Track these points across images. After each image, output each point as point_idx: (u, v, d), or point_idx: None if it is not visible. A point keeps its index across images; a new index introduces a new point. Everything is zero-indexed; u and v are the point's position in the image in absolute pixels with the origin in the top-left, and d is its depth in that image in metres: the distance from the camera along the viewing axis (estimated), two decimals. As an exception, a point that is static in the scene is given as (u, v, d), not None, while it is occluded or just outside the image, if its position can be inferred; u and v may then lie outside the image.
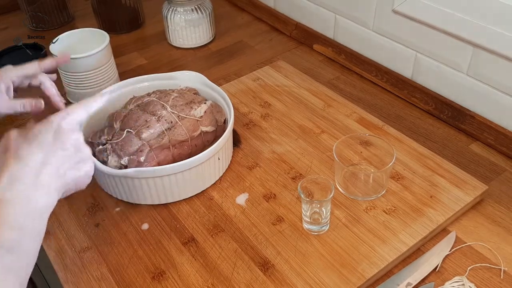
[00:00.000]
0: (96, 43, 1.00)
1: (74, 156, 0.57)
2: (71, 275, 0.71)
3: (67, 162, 0.56)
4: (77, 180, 0.58)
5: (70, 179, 0.56)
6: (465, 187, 0.80)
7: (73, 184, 0.58)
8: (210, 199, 0.81)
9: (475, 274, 0.70)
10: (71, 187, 0.58)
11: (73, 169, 0.57)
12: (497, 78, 0.87)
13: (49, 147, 0.54)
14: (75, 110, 0.60)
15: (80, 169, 0.58)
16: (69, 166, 0.56)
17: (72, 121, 0.58)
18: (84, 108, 0.61)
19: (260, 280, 0.69)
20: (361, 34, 1.10)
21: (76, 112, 0.60)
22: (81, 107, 0.61)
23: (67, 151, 0.56)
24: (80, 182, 0.59)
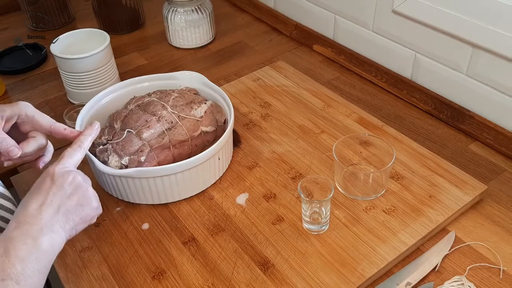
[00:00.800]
0: (97, 43, 1.00)
1: (74, 195, 0.60)
2: (72, 275, 0.71)
3: (67, 201, 0.59)
4: (83, 216, 0.61)
5: (75, 216, 0.60)
6: (464, 187, 0.80)
7: (79, 220, 0.60)
8: (210, 199, 0.82)
9: (474, 274, 0.70)
10: (78, 224, 0.60)
11: (75, 207, 0.60)
12: (496, 78, 0.87)
13: (47, 191, 0.58)
14: (66, 154, 0.63)
15: (84, 206, 0.61)
16: (70, 205, 0.59)
17: (64, 165, 0.62)
18: (76, 149, 0.65)
19: (260, 279, 0.69)
20: (361, 34, 1.10)
21: (68, 156, 0.63)
22: (73, 149, 0.65)
23: (65, 191, 0.59)
24: (87, 217, 0.62)
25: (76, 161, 0.64)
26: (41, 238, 0.55)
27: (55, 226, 0.57)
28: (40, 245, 0.55)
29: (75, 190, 0.60)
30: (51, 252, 0.56)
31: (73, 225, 0.59)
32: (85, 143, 0.66)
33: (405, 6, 0.95)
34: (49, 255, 0.56)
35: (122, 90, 0.92)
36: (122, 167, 0.77)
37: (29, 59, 1.20)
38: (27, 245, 0.54)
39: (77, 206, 0.60)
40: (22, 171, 0.90)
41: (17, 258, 0.52)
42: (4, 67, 1.19)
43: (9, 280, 0.51)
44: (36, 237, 0.55)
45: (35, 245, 0.54)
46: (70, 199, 0.59)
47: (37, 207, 0.57)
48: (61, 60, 0.98)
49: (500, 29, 0.81)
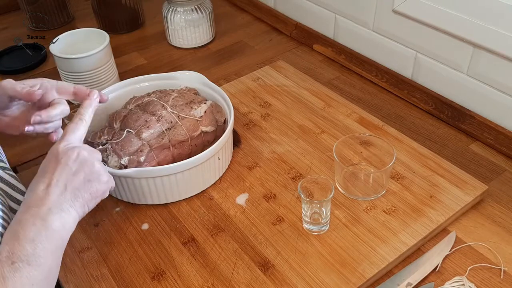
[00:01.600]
0: (96, 43, 1.00)
1: (81, 172, 0.59)
2: (71, 275, 0.71)
3: (74, 179, 0.58)
4: (93, 192, 0.60)
5: (84, 193, 0.59)
6: (465, 187, 0.80)
7: (89, 196, 0.59)
8: (210, 199, 0.81)
9: (475, 274, 0.70)
10: (88, 200, 0.60)
11: (83, 183, 0.59)
12: (497, 78, 0.87)
13: (52, 171, 0.57)
14: (69, 130, 0.62)
15: (92, 181, 0.59)
16: (78, 182, 0.58)
17: (67, 142, 0.60)
18: (78, 123, 0.64)
19: (260, 280, 0.69)
20: (361, 34, 1.10)
21: (70, 131, 0.62)
22: (75, 123, 0.63)
23: (70, 169, 0.58)
24: (98, 192, 0.61)
25: (80, 135, 0.63)
26: (50, 218, 0.55)
27: (64, 205, 0.56)
28: (50, 225, 0.54)
29: (81, 166, 0.59)
30: (62, 232, 0.56)
31: (83, 202, 0.59)
32: (86, 116, 0.65)
33: (406, 6, 0.95)
34: (61, 235, 0.56)
35: (122, 90, 0.92)
36: (121, 167, 0.77)
37: (28, 59, 1.20)
38: (36, 226, 0.53)
39: (85, 182, 0.59)
40: (22, 171, 0.89)
41: (27, 239, 0.52)
42: (4, 67, 1.19)
43: (20, 262, 0.51)
44: (45, 218, 0.54)
45: (44, 225, 0.54)
46: (76, 176, 0.58)
47: (44, 189, 0.56)
48: (60, 60, 0.98)
49: (501, 29, 0.81)
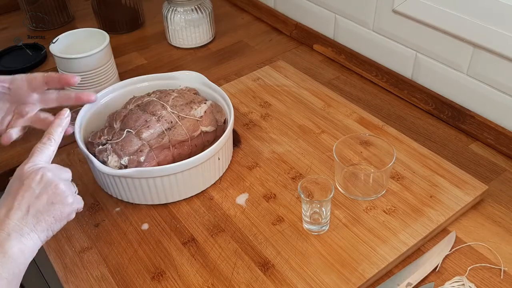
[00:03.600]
0: (96, 43, 1.00)
1: (44, 194, 0.57)
2: (71, 275, 0.71)
3: (36, 202, 0.56)
4: (56, 215, 0.57)
5: (47, 216, 0.57)
6: (465, 187, 0.80)
7: (53, 220, 0.57)
8: (210, 199, 0.81)
9: (475, 274, 0.70)
10: (52, 224, 0.57)
11: (46, 206, 0.57)
12: (497, 78, 0.87)
13: (14, 194, 0.56)
14: (36, 150, 0.61)
15: (55, 204, 0.57)
16: (40, 205, 0.56)
17: (33, 164, 0.59)
18: (46, 143, 0.62)
19: (260, 280, 0.69)
20: (361, 34, 1.10)
21: (38, 152, 0.60)
22: (43, 143, 0.62)
23: (33, 191, 0.56)
24: (62, 215, 0.58)
25: (48, 156, 0.61)
26: (8, 244, 0.52)
27: (25, 230, 0.54)
28: (7, 251, 0.52)
29: (44, 188, 0.57)
30: (21, 258, 0.54)
31: (47, 226, 0.57)
32: (55, 135, 0.63)
33: (406, 6, 0.95)
34: (19, 261, 0.53)
35: (122, 90, 0.92)
36: (121, 167, 0.77)
37: (28, 59, 1.20)
38: None
39: (48, 205, 0.56)
40: (21, 171, 0.89)
41: None
42: (4, 67, 1.19)
43: None
44: (2, 244, 0.52)
45: (1, 252, 0.52)
46: (39, 199, 0.56)
47: (5, 213, 0.54)
48: (60, 60, 0.98)
49: (501, 29, 0.81)
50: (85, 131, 0.83)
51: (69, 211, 0.59)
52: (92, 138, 0.82)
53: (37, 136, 0.97)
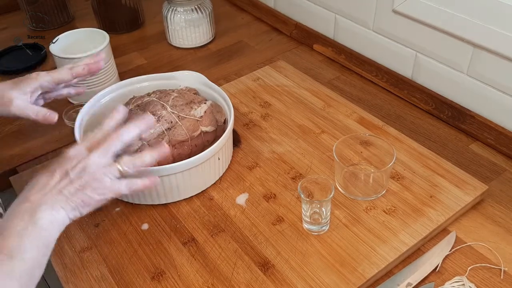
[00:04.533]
0: (96, 43, 1.00)
1: (77, 180, 0.59)
2: (71, 275, 0.71)
3: (69, 185, 0.58)
4: (85, 200, 0.59)
5: (77, 198, 0.59)
6: (465, 187, 0.80)
7: (81, 203, 0.59)
8: (210, 199, 0.81)
9: (475, 274, 0.70)
10: (80, 206, 0.59)
11: (77, 190, 0.59)
12: (497, 78, 0.87)
13: (51, 173, 0.59)
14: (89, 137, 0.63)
15: (86, 189, 0.59)
16: (72, 188, 0.58)
17: (77, 151, 0.61)
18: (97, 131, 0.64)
19: (260, 280, 0.69)
20: (361, 34, 1.10)
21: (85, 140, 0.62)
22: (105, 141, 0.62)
23: (68, 176, 0.59)
24: (91, 201, 0.60)
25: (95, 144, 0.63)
26: (39, 214, 0.55)
27: (55, 205, 0.57)
28: (37, 221, 0.55)
29: (79, 175, 0.59)
30: (51, 229, 0.56)
31: (75, 206, 0.59)
32: (107, 126, 0.65)
33: (406, 6, 0.95)
34: (49, 232, 0.56)
35: (122, 90, 0.92)
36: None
37: (28, 59, 1.20)
38: (23, 221, 0.54)
39: (79, 190, 0.59)
40: (21, 171, 0.89)
41: (13, 233, 0.53)
42: (4, 67, 1.19)
43: (1, 255, 0.51)
44: (33, 213, 0.55)
45: (32, 221, 0.54)
46: (72, 183, 0.58)
47: (40, 188, 0.57)
48: (60, 60, 0.98)
49: (501, 29, 0.81)
50: (85, 131, 0.83)
51: (98, 199, 0.61)
52: (92, 138, 0.82)
53: (36, 136, 0.97)
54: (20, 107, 0.71)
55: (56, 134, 0.98)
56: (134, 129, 0.64)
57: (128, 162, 0.62)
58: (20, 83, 0.73)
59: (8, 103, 0.70)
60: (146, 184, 0.64)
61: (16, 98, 0.71)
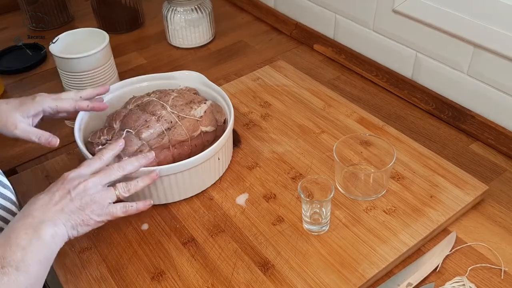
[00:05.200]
0: (96, 43, 1.00)
1: (77, 200, 0.62)
2: (71, 276, 0.71)
3: (70, 203, 0.62)
4: (85, 220, 0.63)
5: (76, 217, 0.62)
6: (465, 187, 0.80)
7: (81, 222, 0.62)
8: (210, 199, 0.81)
9: (475, 274, 0.70)
10: (79, 225, 0.62)
11: (77, 209, 0.62)
12: (497, 78, 0.87)
13: (54, 193, 0.62)
14: (84, 164, 0.67)
15: (85, 210, 0.62)
16: (73, 207, 0.62)
17: (78, 173, 0.65)
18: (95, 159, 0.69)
19: (260, 280, 0.69)
20: (361, 34, 1.10)
21: (85, 165, 0.67)
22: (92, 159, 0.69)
23: (69, 195, 0.62)
24: (90, 221, 0.63)
25: (93, 170, 0.67)
26: (43, 229, 0.58)
27: (57, 221, 0.60)
28: (41, 235, 0.57)
29: (79, 196, 0.62)
30: (52, 244, 0.59)
31: (74, 225, 0.62)
32: (105, 156, 0.69)
33: (406, 6, 0.95)
34: (50, 247, 0.59)
35: (121, 90, 0.92)
36: (121, 167, 0.76)
37: (28, 59, 1.20)
38: (28, 235, 0.57)
39: (79, 209, 0.62)
40: (21, 171, 0.89)
41: (18, 246, 0.55)
42: (4, 66, 1.19)
43: (9, 267, 0.53)
44: (37, 228, 0.57)
45: (36, 235, 0.57)
46: (72, 202, 0.62)
47: (43, 204, 0.60)
48: (60, 59, 0.98)
49: (501, 29, 0.81)
50: (85, 131, 0.83)
51: (96, 220, 0.64)
52: (92, 138, 0.82)
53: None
54: (23, 130, 0.74)
55: (56, 134, 0.97)
56: (135, 163, 0.70)
57: (124, 188, 0.67)
58: (24, 106, 0.75)
59: (12, 127, 0.73)
60: (140, 208, 0.68)
61: (20, 121, 0.74)
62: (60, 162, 0.90)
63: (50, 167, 0.89)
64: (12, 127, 0.73)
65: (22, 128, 0.73)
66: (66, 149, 0.91)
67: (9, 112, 0.73)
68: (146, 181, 0.70)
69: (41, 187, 0.84)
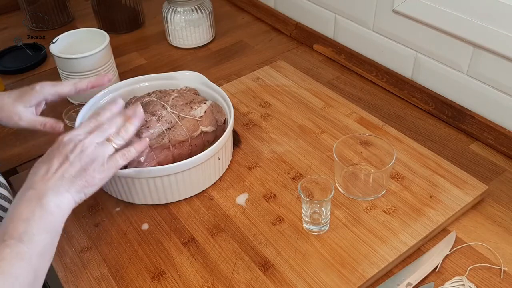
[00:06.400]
0: (96, 43, 1.00)
1: (77, 162, 0.61)
2: (71, 275, 0.71)
3: (70, 168, 0.60)
4: (89, 180, 0.62)
5: (79, 180, 0.61)
6: (465, 187, 0.80)
7: (85, 183, 0.61)
8: (210, 199, 0.81)
9: (475, 274, 0.70)
10: (84, 187, 0.61)
11: (79, 172, 0.61)
12: (497, 78, 0.87)
13: (51, 160, 0.61)
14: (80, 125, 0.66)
15: (87, 170, 0.61)
16: (74, 171, 0.60)
17: (72, 135, 0.63)
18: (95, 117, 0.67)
19: (260, 280, 0.69)
20: (361, 34, 1.10)
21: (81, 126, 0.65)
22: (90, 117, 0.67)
23: (68, 159, 0.61)
24: (94, 180, 0.62)
25: (88, 129, 0.65)
26: (45, 199, 0.57)
27: (60, 189, 0.59)
28: (44, 205, 0.57)
29: (78, 157, 0.61)
30: (57, 213, 0.58)
31: (79, 189, 0.61)
32: (102, 115, 0.68)
33: (406, 6, 0.95)
34: (56, 215, 0.58)
35: (122, 90, 0.92)
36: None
37: (28, 59, 1.20)
38: (30, 206, 0.56)
39: (81, 171, 0.61)
40: (21, 171, 0.89)
41: (20, 218, 0.55)
42: (4, 66, 1.19)
43: (10, 240, 0.53)
44: (40, 198, 0.57)
45: (39, 205, 0.56)
46: (73, 166, 0.60)
47: (42, 174, 0.59)
48: (60, 60, 0.98)
49: (501, 29, 0.81)
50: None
51: (100, 178, 0.63)
52: (92, 138, 0.82)
53: (36, 136, 0.97)
54: (28, 120, 0.75)
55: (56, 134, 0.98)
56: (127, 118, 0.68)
57: (117, 137, 0.66)
58: (25, 95, 0.75)
59: (16, 118, 0.74)
60: (139, 149, 0.68)
61: (23, 112, 0.74)
62: (60, 162, 0.90)
63: (50, 167, 0.89)
64: (16, 118, 0.74)
65: (27, 118, 0.74)
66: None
67: (12, 105, 0.74)
68: (135, 122, 0.68)
69: (41, 187, 0.85)
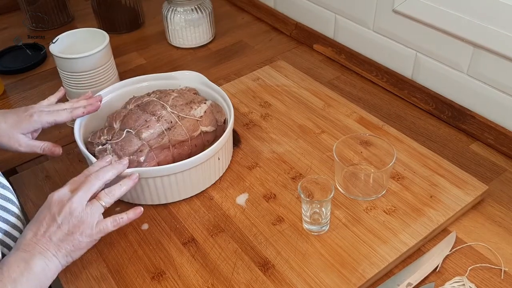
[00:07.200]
0: (96, 43, 1.00)
1: (65, 225, 0.63)
2: (71, 275, 0.71)
3: (58, 231, 0.62)
4: (76, 244, 0.63)
5: (67, 245, 0.63)
6: (465, 187, 0.80)
7: (72, 248, 0.63)
8: (210, 199, 0.81)
9: (475, 274, 0.70)
10: (71, 251, 0.63)
11: (66, 236, 0.63)
12: (497, 78, 0.87)
13: (40, 221, 0.63)
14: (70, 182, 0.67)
15: (74, 234, 0.63)
16: (61, 235, 0.62)
17: (61, 193, 0.65)
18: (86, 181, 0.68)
19: (260, 280, 0.69)
20: (361, 34, 1.10)
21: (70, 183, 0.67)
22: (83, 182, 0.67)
23: (56, 222, 0.62)
24: (81, 244, 0.64)
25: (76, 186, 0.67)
26: (33, 262, 0.59)
27: (48, 253, 0.61)
28: (32, 268, 0.59)
29: (66, 219, 0.63)
30: (42, 277, 0.60)
31: (66, 253, 0.63)
32: (91, 172, 0.70)
33: (406, 6, 0.95)
34: (41, 279, 0.60)
35: (122, 90, 0.92)
36: (121, 167, 0.76)
37: (28, 59, 1.20)
38: (19, 268, 0.58)
39: (68, 235, 0.63)
40: (21, 171, 0.89)
41: (9, 279, 0.57)
42: (4, 66, 1.19)
43: None
44: (28, 261, 0.59)
45: (27, 268, 0.58)
46: (60, 229, 0.62)
47: (32, 236, 0.61)
48: (60, 59, 0.98)
49: (501, 29, 0.81)
50: (85, 131, 0.83)
51: (87, 242, 0.65)
52: (92, 138, 0.82)
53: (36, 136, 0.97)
54: (26, 146, 0.77)
55: (56, 134, 0.98)
56: (112, 170, 0.70)
57: (106, 196, 0.67)
58: (23, 123, 0.77)
59: (16, 145, 0.76)
60: (131, 218, 0.69)
61: (22, 139, 0.77)
62: (60, 162, 0.90)
63: (50, 167, 0.89)
64: (15, 145, 0.76)
65: (25, 144, 0.77)
66: (66, 149, 0.91)
67: (10, 131, 0.76)
68: (128, 183, 0.71)
69: (41, 187, 0.85)
